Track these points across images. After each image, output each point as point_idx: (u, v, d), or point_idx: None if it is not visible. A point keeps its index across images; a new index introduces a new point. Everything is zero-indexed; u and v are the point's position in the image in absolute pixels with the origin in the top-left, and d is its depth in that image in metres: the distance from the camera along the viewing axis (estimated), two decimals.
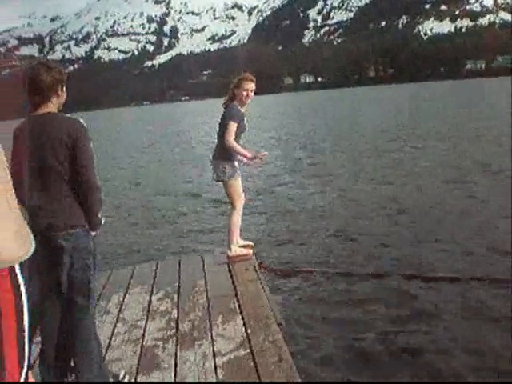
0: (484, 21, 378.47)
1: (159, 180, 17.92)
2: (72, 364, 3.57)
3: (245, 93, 6.03)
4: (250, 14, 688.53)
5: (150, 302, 5.30)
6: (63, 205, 3.35)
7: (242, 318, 4.61)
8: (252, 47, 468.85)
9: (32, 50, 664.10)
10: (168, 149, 29.20)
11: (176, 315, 4.89)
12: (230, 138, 5.92)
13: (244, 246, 6.52)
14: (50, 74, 3.37)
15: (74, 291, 3.40)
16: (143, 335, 4.52)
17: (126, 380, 3.77)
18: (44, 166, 3.33)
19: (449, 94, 76.26)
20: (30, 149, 3.32)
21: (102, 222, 3.57)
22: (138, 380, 3.81)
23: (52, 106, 3.43)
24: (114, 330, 4.67)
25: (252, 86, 6.09)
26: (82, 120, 3.41)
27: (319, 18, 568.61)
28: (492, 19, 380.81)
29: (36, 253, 2.56)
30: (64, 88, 3.49)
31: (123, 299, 5.44)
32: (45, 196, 3.37)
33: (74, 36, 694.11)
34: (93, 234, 3.52)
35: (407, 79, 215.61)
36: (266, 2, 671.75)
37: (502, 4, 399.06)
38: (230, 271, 5.92)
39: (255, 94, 6.25)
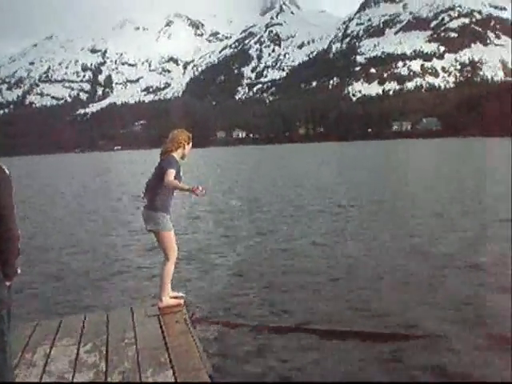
0: (411, 84, 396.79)
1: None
2: None
3: (189, 149, 6.55)
4: (185, 67, 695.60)
5: (77, 354, 5.19)
6: None
7: (173, 371, 4.55)
8: (186, 100, 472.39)
9: None
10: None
11: (104, 368, 4.79)
12: (170, 178, 6.02)
13: (175, 297, 6.52)
14: None
15: None
16: None
17: None
18: None
19: (373, 153, 78.74)
20: None
21: (18, 271, 3.43)
22: None
23: None
24: (40, 382, 4.57)
25: None
26: (4, 167, 3.30)
27: (253, 76, 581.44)
28: (419, 83, 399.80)
29: None
30: None
31: (50, 351, 5.30)
32: None
33: (7, 80, 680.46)
34: (7, 283, 3.36)
35: (336, 138, 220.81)
36: (201, 58, 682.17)
37: (429, 69, 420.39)
38: (160, 323, 5.89)
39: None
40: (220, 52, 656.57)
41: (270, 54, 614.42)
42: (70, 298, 8.93)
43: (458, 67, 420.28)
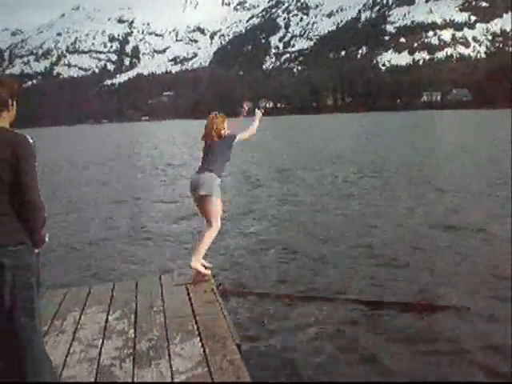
0: (441, 54, 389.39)
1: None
2: None
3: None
4: (212, 37, 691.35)
5: (106, 321, 5.25)
6: (4, 222, 3.23)
7: (200, 339, 4.59)
8: (213, 71, 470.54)
9: None
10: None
11: (133, 335, 4.84)
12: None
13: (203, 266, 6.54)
14: (3, 89, 3.30)
15: (17, 310, 3.25)
16: (99, 354, 4.44)
17: None
18: None
19: (402, 125, 77.53)
20: None
21: (46, 239, 3.49)
22: None
23: (3, 121, 3.32)
24: (69, 349, 4.58)
25: None
26: (29, 136, 3.28)
27: (280, 45, 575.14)
28: (449, 53, 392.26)
29: None
30: (15, 102, 3.40)
31: (79, 318, 5.37)
32: None
33: (34, 51, 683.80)
34: (36, 251, 3.41)
35: (364, 108, 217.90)
36: (228, 27, 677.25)
37: (460, 38, 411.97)
38: (188, 292, 5.93)
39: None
40: (247, 21, 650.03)
41: (297, 23, 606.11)
42: None
43: (490, 37, 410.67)
